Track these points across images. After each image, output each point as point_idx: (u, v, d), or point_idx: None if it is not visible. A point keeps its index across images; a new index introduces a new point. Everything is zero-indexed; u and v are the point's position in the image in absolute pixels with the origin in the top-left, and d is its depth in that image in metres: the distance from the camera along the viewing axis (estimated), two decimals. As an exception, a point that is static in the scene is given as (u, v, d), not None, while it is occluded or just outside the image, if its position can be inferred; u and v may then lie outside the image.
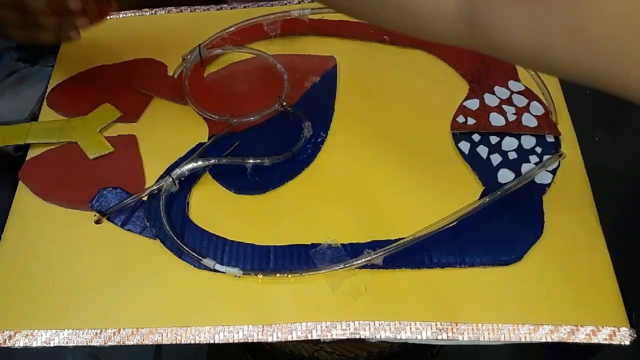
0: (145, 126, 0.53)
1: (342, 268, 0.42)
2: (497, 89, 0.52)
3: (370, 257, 0.42)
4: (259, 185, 0.48)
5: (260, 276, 0.43)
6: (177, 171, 0.47)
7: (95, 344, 0.41)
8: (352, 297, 0.42)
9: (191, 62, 0.55)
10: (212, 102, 0.53)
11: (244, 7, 0.61)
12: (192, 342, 0.41)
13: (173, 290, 0.43)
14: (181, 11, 0.62)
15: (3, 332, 0.42)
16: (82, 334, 0.42)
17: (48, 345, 0.42)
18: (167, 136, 0.52)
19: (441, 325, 0.41)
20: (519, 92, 0.52)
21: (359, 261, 0.42)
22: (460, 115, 0.51)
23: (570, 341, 0.40)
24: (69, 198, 0.48)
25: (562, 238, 0.44)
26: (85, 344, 0.41)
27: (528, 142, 0.49)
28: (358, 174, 0.48)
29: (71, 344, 0.42)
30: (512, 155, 0.48)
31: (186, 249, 0.44)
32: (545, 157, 0.48)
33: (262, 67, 0.56)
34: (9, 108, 0.57)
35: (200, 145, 0.50)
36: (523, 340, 0.40)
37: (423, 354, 0.77)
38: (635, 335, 0.40)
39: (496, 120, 0.50)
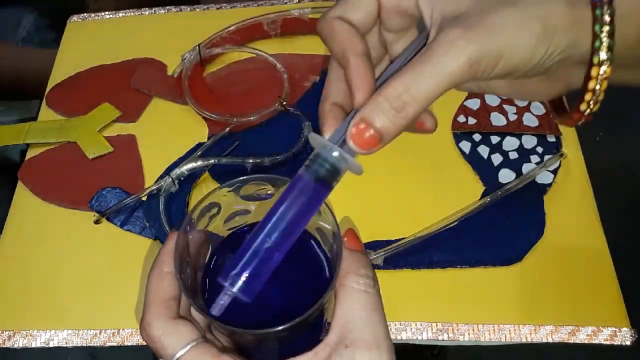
0: (144, 126, 0.53)
1: (342, 268, 0.42)
2: (497, 88, 0.52)
3: (370, 258, 0.42)
4: (258, 185, 0.48)
5: (260, 276, 0.42)
6: (177, 171, 0.47)
7: (95, 345, 0.41)
8: (353, 297, 0.41)
9: (191, 61, 0.55)
10: (211, 102, 0.53)
11: (244, 6, 0.61)
12: (192, 342, 0.40)
13: (172, 291, 0.43)
14: (180, 10, 0.62)
15: (2, 332, 0.42)
16: (82, 335, 0.42)
17: (47, 346, 0.42)
18: (167, 136, 0.52)
19: (442, 325, 0.40)
20: (520, 92, 0.52)
21: (359, 261, 0.42)
22: (461, 115, 0.50)
23: (572, 342, 0.39)
24: (68, 198, 0.48)
25: (563, 238, 0.44)
26: (84, 344, 0.41)
27: (529, 141, 0.49)
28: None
29: (70, 345, 0.41)
30: (513, 155, 0.48)
31: (186, 249, 0.43)
32: (547, 157, 0.47)
33: (262, 66, 0.56)
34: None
35: (199, 145, 0.50)
36: (524, 340, 0.40)
37: (423, 354, 0.77)
38: (636, 336, 0.40)
39: (497, 119, 0.50)
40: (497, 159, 0.48)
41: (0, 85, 0.76)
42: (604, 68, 0.24)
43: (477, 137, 0.49)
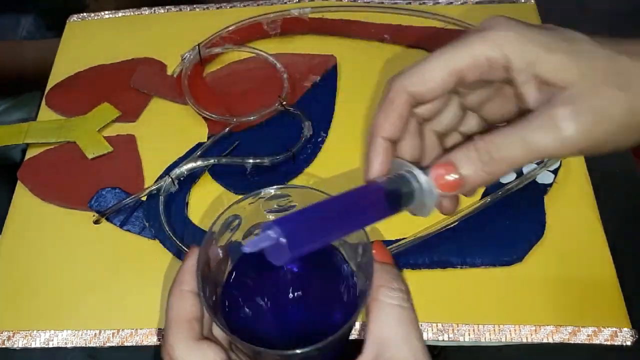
0: (144, 126, 0.53)
1: (342, 268, 0.42)
2: (498, 88, 0.52)
3: (370, 258, 0.42)
4: (258, 185, 0.47)
5: (260, 277, 0.42)
6: (176, 171, 0.47)
7: (94, 345, 0.41)
8: (353, 297, 0.41)
9: (190, 61, 0.55)
10: (211, 102, 0.53)
11: (244, 6, 0.61)
12: (192, 343, 0.40)
13: (172, 291, 0.43)
14: (180, 10, 0.62)
15: (2, 332, 0.42)
16: (81, 335, 0.41)
17: (47, 346, 0.41)
18: (166, 136, 0.52)
19: (442, 326, 0.40)
20: (520, 92, 0.52)
21: (360, 262, 0.42)
22: (461, 115, 0.50)
23: (572, 342, 0.39)
24: (67, 198, 0.48)
25: (564, 238, 0.44)
26: (84, 344, 0.41)
27: (529, 141, 0.48)
28: (358, 174, 0.48)
29: (70, 345, 0.41)
30: (513, 155, 0.48)
31: (185, 249, 0.43)
32: (547, 157, 0.47)
33: (262, 66, 0.56)
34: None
35: (199, 145, 0.50)
36: (524, 341, 0.40)
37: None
38: (636, 336, 0.40)
39: (497, 119, 0.50)
40: (497, 159, 0.48)
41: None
42: None
43: (477, 137, 0.49)
